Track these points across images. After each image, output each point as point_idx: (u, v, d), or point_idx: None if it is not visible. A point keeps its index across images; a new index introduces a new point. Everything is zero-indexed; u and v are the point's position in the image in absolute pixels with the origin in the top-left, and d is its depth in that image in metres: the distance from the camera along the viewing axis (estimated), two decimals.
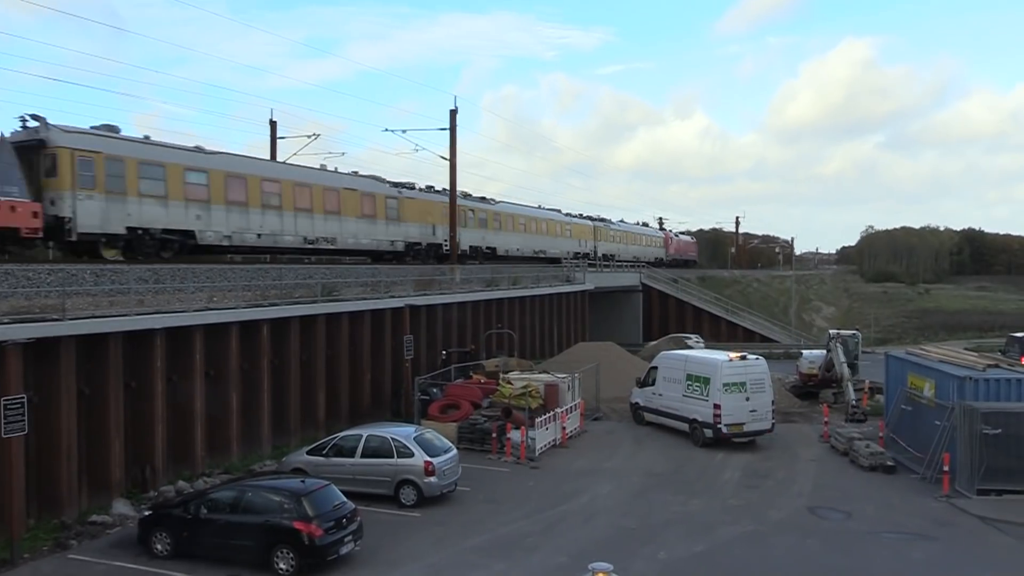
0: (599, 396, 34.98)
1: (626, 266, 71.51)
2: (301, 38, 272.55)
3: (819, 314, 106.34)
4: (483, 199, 52.13)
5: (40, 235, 23.13)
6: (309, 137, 38.71)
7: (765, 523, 20.45)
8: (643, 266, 73.22)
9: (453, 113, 42.39)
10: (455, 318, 37.88)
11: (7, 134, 22.82)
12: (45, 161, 23.80)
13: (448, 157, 43.09)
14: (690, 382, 29.76)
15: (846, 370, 35.26)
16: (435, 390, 30.78)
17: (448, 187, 43.78)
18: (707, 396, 28.86)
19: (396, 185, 41.68)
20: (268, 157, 31.92)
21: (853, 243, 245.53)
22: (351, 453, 22.19)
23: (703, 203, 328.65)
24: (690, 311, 68.86)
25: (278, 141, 38.47)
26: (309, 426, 27.95)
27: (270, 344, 26.29)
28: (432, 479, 21.57)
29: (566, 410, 29.89)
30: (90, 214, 24.66)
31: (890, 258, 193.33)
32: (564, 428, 29.32)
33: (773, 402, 29.78)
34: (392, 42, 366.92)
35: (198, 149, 29.70)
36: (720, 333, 67.80)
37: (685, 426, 29.82)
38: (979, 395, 23.62)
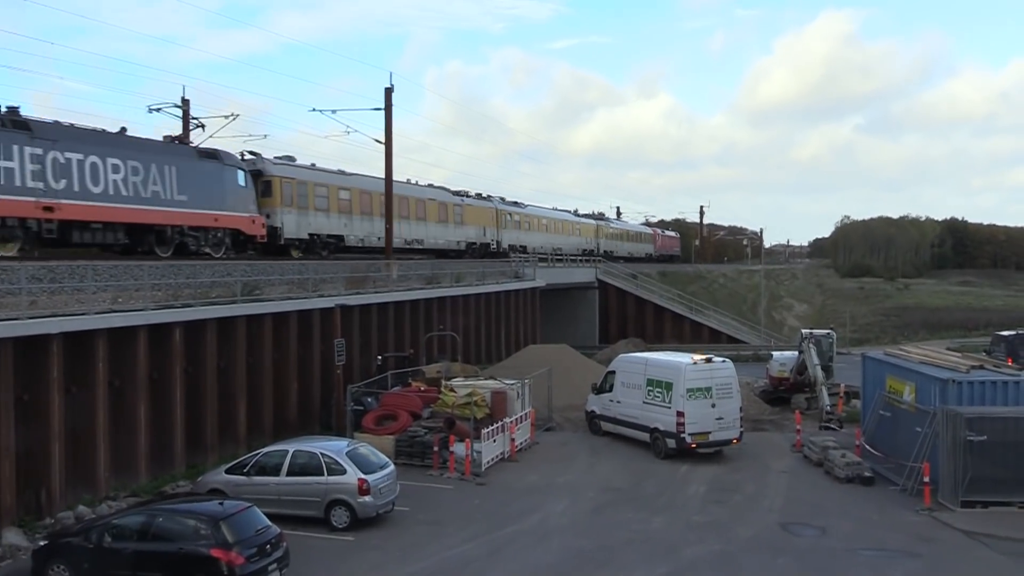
0: (552, 404, 35.09)
1: (580, 260, 71.90)
2: (217, 6, 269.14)
3: (790, 312, 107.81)
4: (516, 203, 65.94)
5: (265, 240, 34.48)
6: (227, 118, 38.37)
7: (733, 542, 20.69)
8: (599, 260, 73.69)
9: (388, 92, 42.16)
10: (392, 319, 37.75)
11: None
12: (262, 185, 35.56)
13: (383, 141, 42.94)
14: (651, 388, 30.00)
15: (820, 373, 35.83)
16: (370, 399, 30.67)
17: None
18: (669, 403, 29.11)
19: (457, 193, 54.56)
20: (180, 138, 35.31)
21: (827, 234, 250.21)
22: (276, 471, 22.04)
23: (666, 191, 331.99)
24: (651, 310, 69.42)
25: (191, 122, 37.98)
26: (228, 441, 27.65)
27: (183, 350, 25.96)
28: (367, 499, 21.49)
29: (515, 420, 29.94)
30: (291, 224, 36.79)
31: (867, 251, 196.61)
32: (513, 440, 29.37)
33: (741, 409, 30.14)
34: (323, 12, 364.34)
35: (341, 172, 42.01)
36: (683, 333, 68.39)
37: (646, 436, 30.05)
38: (963, 399, 24.13)
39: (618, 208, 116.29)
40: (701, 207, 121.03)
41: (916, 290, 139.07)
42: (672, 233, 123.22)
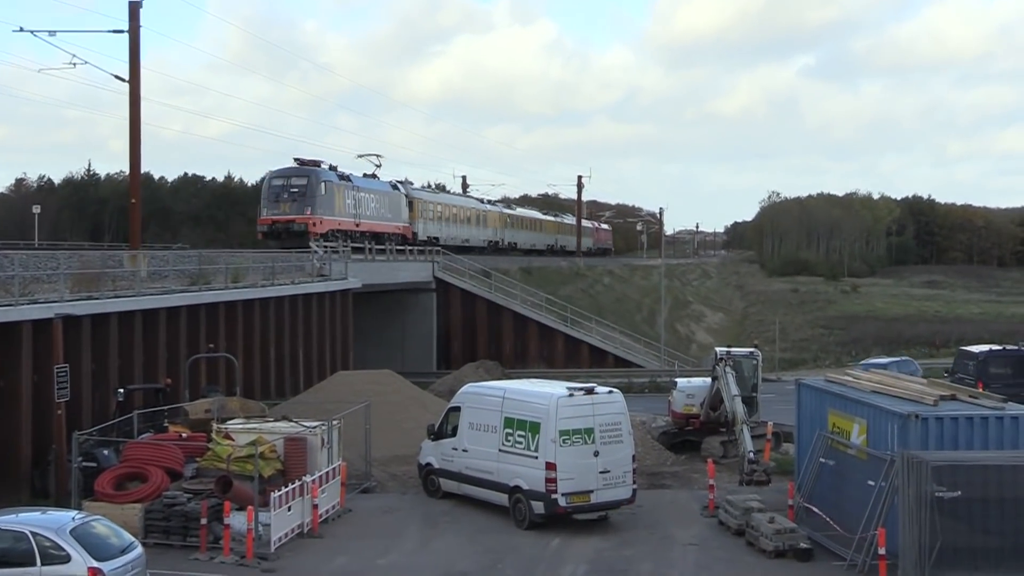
0: (371, 455, 34.93)
1: (414, 251, 71.86)
2: None
3: (701, 324, 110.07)
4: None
5: (413, 240, 76.69)
6: None
7: None
8: (438, 251, 73.79)
9: (135, 6, 41.37)
10: (141, 335, 37.18)
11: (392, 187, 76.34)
12: (407, 204, 78.38)
13: (127, 78, 42.07)
14: (510, 430, 30.04)
15: (740, 407, 36.45)
16: (107, 452, 30.05)
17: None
18: (536, 451, 29.19)
19: (493, 202, 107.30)
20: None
21: (750, 217, 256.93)
22: None
23: (538, 155, 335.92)
24: (510, 321, 69.92)
25: None
26: None
27: None
28: None
29: (319, 478, 29.65)
30: (422, 231, 79.66)
31: (803, 240, 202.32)
32: (316, 507, 29.07)
33: (635, 458, 30.48)
34: None
35: (441, 188, 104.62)
36: (555, 354, 69.09)
37: (504, 498, 30.11)
38: (930, 441, 24.60)
39: (464, 178, 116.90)
40: (579, 178, 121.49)
41: (867, 293, 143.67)
42: (605, 225, 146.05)
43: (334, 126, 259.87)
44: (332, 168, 66.73)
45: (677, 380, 43.61)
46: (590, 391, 29.97)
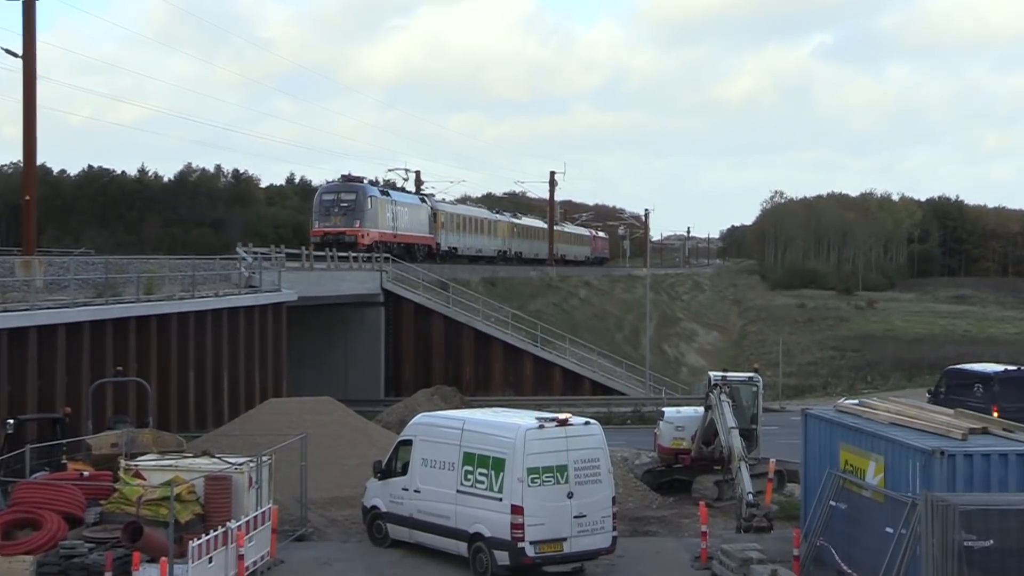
0: (307, 497, 34.80)
1: (359, 257, 71.76)
2: None
3: (692, 344, 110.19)
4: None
5: (437, 251, 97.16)
6: None
7: None
8: (388, 258, 73.72)
9: None
10: (35, 355, 37.05)
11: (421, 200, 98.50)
12: (432, 216, 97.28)
13: (20, 53, 41.90)
14: (470, 467, 29.95)
15: (737, 442, 36.50)
16: None
17: None
18: (499, 491, 29.11)
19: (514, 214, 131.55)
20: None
21: (750, 221, 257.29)
22: None
23: (508, 146, 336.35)
24: (471, 340, 69.88)
25: None
26: None
27: None
28: None
29: (246, 524, 29.50)
30: (444, 241, 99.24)
31: (811, 247, 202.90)
32: (242, 558, 28.91)
33: (615, 500, 30.47)
34: None
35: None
36: (523, 379, 69.08)
37: (462, 547, 30.00)
38: (958, 481, 24.65)
39: (417, 173, 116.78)
40: (552, 174, 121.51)
41: (885, 310, 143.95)
42: (602, 234, 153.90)
43: (270, 112, 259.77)
44: (373, 183, 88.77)
45: (664, 410, 43.58)
46: (563, 422, 29.89)
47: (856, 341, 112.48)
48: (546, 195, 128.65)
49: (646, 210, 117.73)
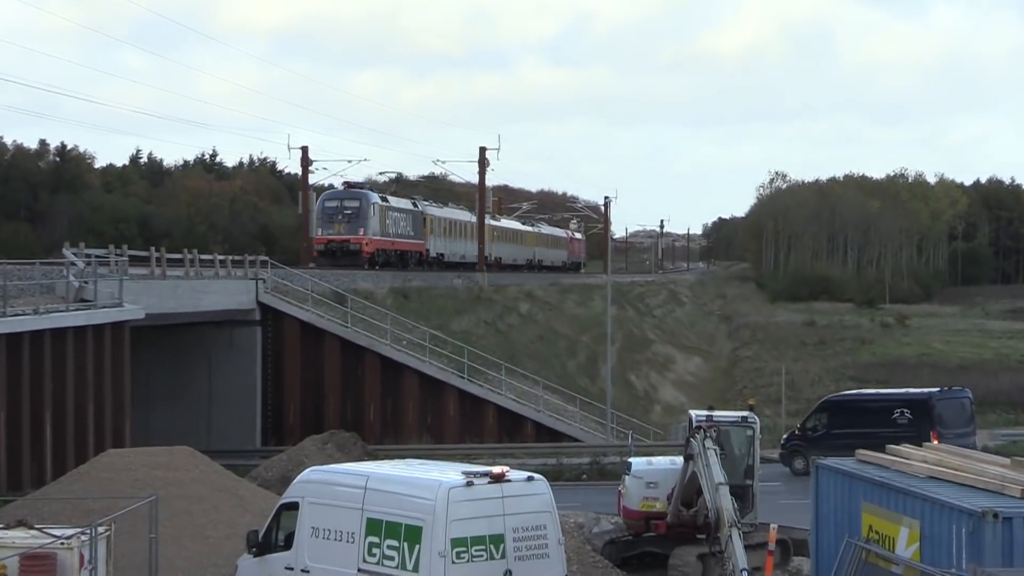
0: None
1: (227, 262, 71.49)
2: None
3: (667, 373, 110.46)
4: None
5: (426, 257, 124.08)
6: None
7: None
8: (264, 263, 73.50)
9: None
10: None
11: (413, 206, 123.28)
12: (422, 221, 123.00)
13: None
14: (376, 538, 29.89)
15: (728, 502, 36.59)
16: None
17: None
18: (414, 570, 29.03)
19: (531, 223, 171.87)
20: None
21: (743, 211, 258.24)
22: None
23: (429, 115, 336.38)
24: (376, 369, 69.99)
25: None
26: None
27: None
28: None
29: None
30: (433, 247, 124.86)
31: (822, 246, 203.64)
32: None
33: None
34: None
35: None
36: (446, 419, 69.28)
37: None
38: (1015, 552, 24.97)
39: (304, 151, 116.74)
40: (483, 151, 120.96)
41: (920, 328, 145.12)
42: (579, 235, 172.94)
43: (113, 70, 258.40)
44: (371, 189, 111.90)
45: (632, 461, 43.82)
46: (499, 477, 29.80)
47: (882, 370, 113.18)
48: (473, 178, 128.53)
49: (606, 198, 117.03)
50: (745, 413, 42.77)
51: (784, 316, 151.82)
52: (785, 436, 65.03)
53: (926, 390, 60.57)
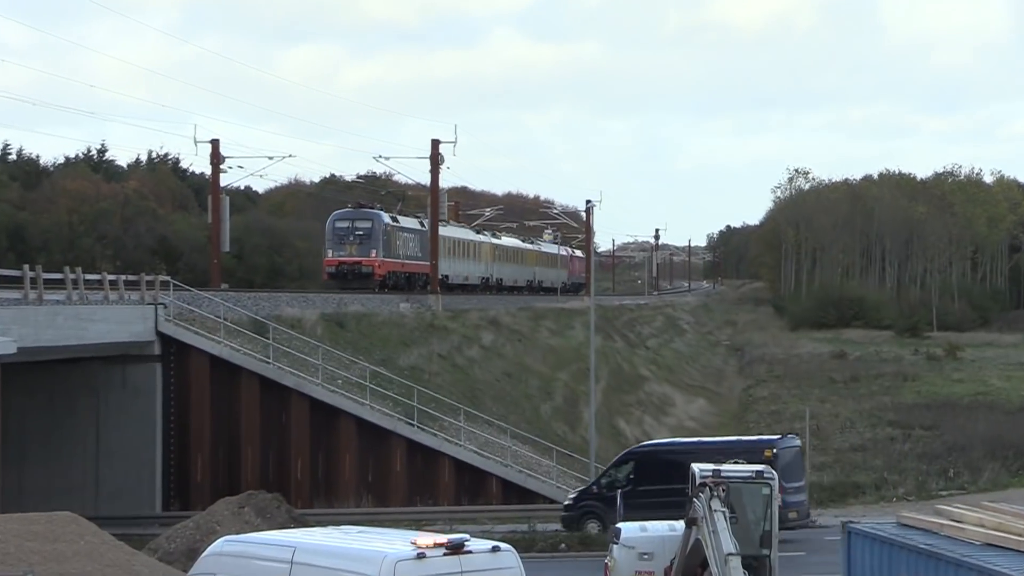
0: None
1: (117, 282, 71.57)
2: None
3: (664, 418, 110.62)
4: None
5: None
6: None
7: None
8: (165, 284, 73.55)
9: None
10: None
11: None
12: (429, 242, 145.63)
13: None
14: None
15: (738, 574, 36.87)
16: None
17: None
18: None
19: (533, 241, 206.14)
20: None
21: (756, 219, 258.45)
22: None
23: (378, 100, 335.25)
24: (304, 414, 70.06)
25: None
26: None
27: None
28: None
29: None
30: (440, 268, 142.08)
31: (854, 260, 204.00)
32: None
33: None
34: None
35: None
36: (391, 476, 69.27)
37: None
38: None
39: (214, 145, 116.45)
40: (436, 144, 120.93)
41: (976, 362, 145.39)
42: (579, 252, 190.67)
43: None
44: (381, 209, 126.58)
45: (621, 527, 43.94)
46: (456, 548, 29.91)
47: (928, 412, 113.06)
48: (424, 178, 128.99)
49: (588, 203, 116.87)
50: (761, 467, 42.90)
51: (808, 347, 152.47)
52: (572, 495, 65.63)
53: (765, 437, 61.39)
